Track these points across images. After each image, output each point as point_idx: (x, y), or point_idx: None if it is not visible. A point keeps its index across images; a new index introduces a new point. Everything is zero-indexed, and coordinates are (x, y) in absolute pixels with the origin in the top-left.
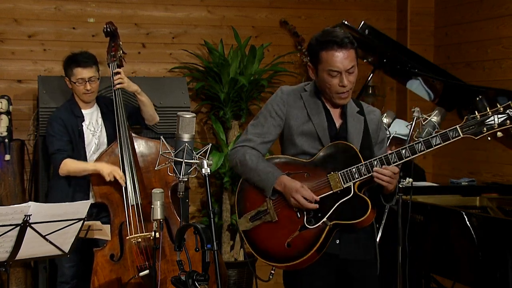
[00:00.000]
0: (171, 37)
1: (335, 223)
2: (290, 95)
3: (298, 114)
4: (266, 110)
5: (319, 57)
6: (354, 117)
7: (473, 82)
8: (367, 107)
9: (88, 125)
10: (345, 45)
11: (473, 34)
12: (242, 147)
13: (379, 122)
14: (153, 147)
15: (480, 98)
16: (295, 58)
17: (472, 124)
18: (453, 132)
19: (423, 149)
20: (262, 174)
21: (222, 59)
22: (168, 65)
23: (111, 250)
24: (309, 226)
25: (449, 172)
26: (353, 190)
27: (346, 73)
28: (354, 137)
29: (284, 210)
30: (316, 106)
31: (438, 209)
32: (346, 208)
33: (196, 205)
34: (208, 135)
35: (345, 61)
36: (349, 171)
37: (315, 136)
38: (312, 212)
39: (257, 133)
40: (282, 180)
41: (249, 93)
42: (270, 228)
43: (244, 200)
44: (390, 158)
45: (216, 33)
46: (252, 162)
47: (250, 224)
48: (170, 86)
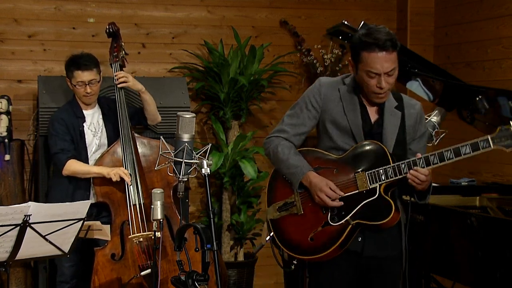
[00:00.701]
0: (171, 37)
1: (358, 222)
2: (327, 87)
3: (334, 108)
4: (302, 101)
5: (360, 56)
6: (391, 112)
7: (473, 82)
8: (408, 101)
9: (89, 126)
10: (387, 48)
11: (473, 34)
12: (276, 138)
13: (418, 116)
14: (155, 147)
15: (480, 98)
16: (295, 58)
17: (504, 136)
18: (484, 143)
19: (452, 157)
20: (292, 167)
21: (222, 59)
22: (168, 65)
23: (112, 250)
24: (332, 223)
25: (449, 172)
26: (378, 192)
27: (385, 75)
28: (389, 134)
29: (310, 204)
30: (353, 102)
31: (438, 209)
32: (370, 209)
33: (196, 205)
34: (208, 135)
35: (385, 64)
36: (377, 172)
37: (349, 132)
38: (336, 210)
39: (292, 124)
40: (309, 176)
41: (249, 93)
42: (296, 220)
43: (275, 189)
44: (418, 163)
45: (216, 33)
46: (283, 154)
47: (277, 214)
48: (170, 86)
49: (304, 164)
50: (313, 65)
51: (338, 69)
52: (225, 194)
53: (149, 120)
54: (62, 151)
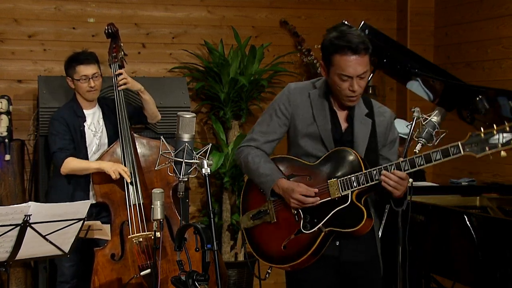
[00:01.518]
0: (171, 37)
1: (331, 230)
2: (297, 93)
3: (304, 114)
4: (272, 109)
5: (331, 59)
6: (362, 120)
7: (473, 82)
8: (378, 108)
9: (89, 125)
10: (359, 51)
11: (473, 34)
12: (246, 147)
13: (389, 124)
14: (154, 147)
15: (480, 98)
16: (295, 58)
17: (474, 142)
18: (454, 149)
19: (423, 163)
20: (262, 176)
21: (222, 59)
22: (168, 65)
23: (112, 250)
24: (305, 231)
25: (449, 172)
26: (350, 199)
27: (357, 78)
28: (360, 141)
29: (283, 212)
30: (322, 107)
31: (438, 209)
32: (342, 216)
33: (196, 205)
34: (208, 135)
35: (358, 67)
36: (348, 180)
37: (318, 138)
38: (308, 217)
39: (262, 132)
40: (280, 183)
41: (249, 93)
42: (269, 228)
43: (248, 198)
44: (388, 169)
45: (216, 33)
46: (253, 164)
47: (251, 222)
48: (170, 86)
49: (274, 172)
50: (313, 65)
51: None
52: (225, 194)
53: (149, 119)
54: (61, 149)
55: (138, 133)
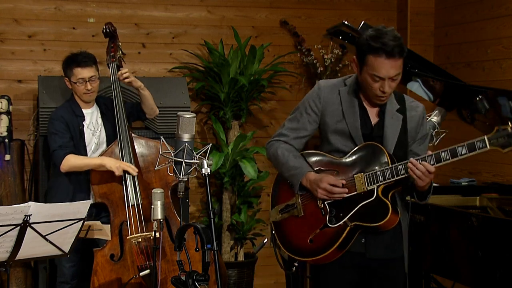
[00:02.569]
0: (171, 37)
1: (356, 224)
2: (327, 91)
3: (334, 111)
4: (302, 106)
5: (365, 59)
6: (393, 115)
7: (473, 82)
8: (410, 103)
9: (88, 125)
10: (394, 54)
11: (473, 34)
12: (276, 141)
13: (420, 118)
14: (153, 147)
15: (480, 98)
16: (295, 58)
17: (501, 136)
18: (480, 143)
19: (448, 158)
20: (292, 169)
21: (222, 59)
22: (168, 65)
23: (111, 250)
24: (330, 225)
25: (449, 172)
26: (375, 193)
27: (389, 80)
28: (390, 137)
29: (311, 206)
30: (352, 104)
31: (438, 209)
32: (367, 211)
33: (196, 205)
34: (208, 135)
35: (391, 69)
36: (374, 174)
37: (347, 135)
38: (334, 211)
39: (292, 128)
40: (308, 176)
41: (249, 93)
42: (296, 222)
43: (278, 192)
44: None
45: (216, 33)
46: (283, 157)
47: (279, 216)
48: (170, 86)
49: (303, 165)
50: (313, 65)
51: (338, 69)
52: (225, 194)
53: (147, 114)
54: (60, 147)
55: (138, 133)
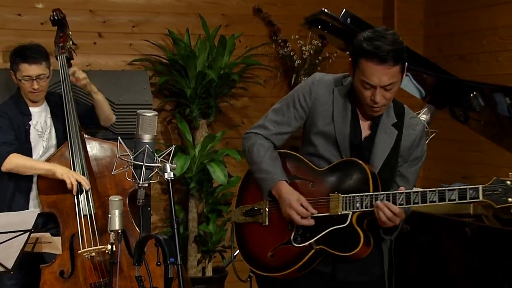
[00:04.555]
0: (130, 26)
1: (322, 248)
2: (321, 87)
3: (323, 112)
4: (291, 98)
5: (357, 62)
6: (387, 130)
7: (467, 77)
8: (410, 119)
9: (35, 125)
10: (387, 60)
11: (467, 24)
12: (255, 135)
13: (417, 139)
14: (108, 149)
15: (474, 94)
16: (270, 50)
17: (497, 189)
18: (473, 191)
19: (435, 200)
20: (263, 172)
21: (188, 51)
22: (128, 57)
23: (60, 266)
24: (295, 244)
25: (440, 175)
26: (349, 220)
27: (381, 89)
28: (379, 153)
29: (278, 216)
30: (344, 108)
31: (427, 218)
32: (337, 237)
33: (159, 214)
34: (173, 136)
35: (383, 77)
36: (352, 198)
37: (333, 140)
38: (301, 229)
39: (275, 121)
40: (280, 187)
41: (219, 89)
42: (259, 230)
43: (246, 190)
44: (397, 198)
45: (182, 22)
46: (258, 156)
47: (242, 218)
48: (130, 81)
49: (277, 171)
50: (290, 58)
51: (317, 62)
52: (192, 202)
53: (102, 121)
54: (4, 144)
55: (93, 133)
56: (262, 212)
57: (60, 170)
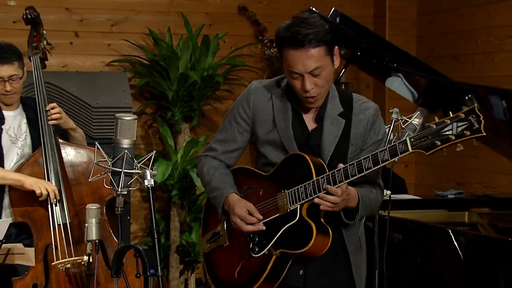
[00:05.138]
0: (109, 25)
1: (282, 252)
2: (258, 94)
3: (264, 119)
4: (231, 113)
5: (281, 53)
6: (333, 120)
7: (461, 79)
8: (360, 104)
9: (7, 130)
10: (307, 43)
11: (462, 23)
12: (204, 157)
13: (369, 122)
14: (84, 155)
15: (469, 97)
16: (256, 51)
17: (424, 135)
18: (402, 145)
19: (370, 166)
20: (214, 190)
21: (170, 51)
22: (106, 57)
23: (33, 279)
24: (254, 254)
25: (434, 182)
26: (298, 214)
27: (309, 75)
28: (327, 145)
29: (237, 234)
30: (284, 109)
31: (421, 227)
32: (291, 235)
33: (139, 223)
34: (154, 140)
35: (308, 61)
36: (296, 191)
37: (279, 144)
38: (256, 238)
39: (220, 140)
40: (228, 199)
41: (202, 91)
42: (223, 252)
43: (208, 218)
44: (336, 177)
45: (163, 21)
46: (208, 175)
47: (208, 246)
48: (109, 83)
49: (226, 186)
50: (277, 59)
51: None
52: (174, 210)
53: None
54: None
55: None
56: (222, 232)
57: (29, 181)
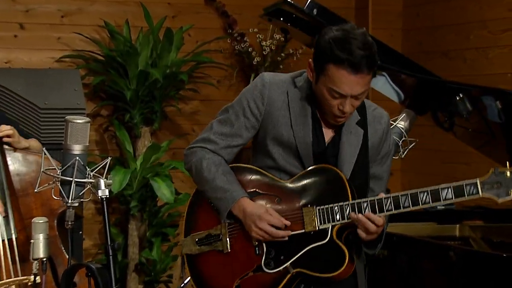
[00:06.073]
0: (59, 16)
1: (300, 272)
2: (273, 88)
3: (280, 118)
4: (239, 105)
5: (325, 67)
6: (352, 129)
7: (452, 77)
8: (373, 111)
9: None
10: (362, 69)
11: (452, 16)
12: (201, 149)
13: (384, 132)
14: (33, 162)
15: (461, 97)
16: (225, 45)
17: (497, 181)
18: (471, 187)
19: (428, 201)
20: (219, 191)
21: (128, 46)
22: (56, 53)
23: None
24: (267, 269)
25: None
26: (329, 235)
27: (351, 98)
28: (346, 158)
29: (241, 240)
30: (303, 113)
31: (407, 241)
32: (317, 256)
33: (93, 239)
34: (110, 146)
35: (356, 87)
36: (330, 209)
37: (294, 150)
38: (273, 252)
39: (223, 134)
40: (243, 203)
41: (164, 91)
42: (220, 259)
43: (196, 215)
44: (383, 204)
45: (121, 12)
46: (209, 173)
47: (196, 248)
48: (58, 81)
49: (235, 188)
50: (248, 54)
51: (280, 59)
52: (133, 224)
53: None
54: None
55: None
56: (222, 237)
57: None
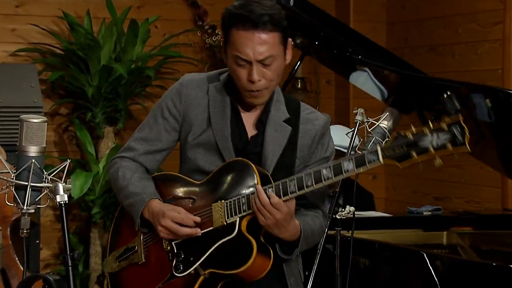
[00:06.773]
0: (13, 6)
1: (212, 272)
2: (192, 87)
3: (198, 117)
4: (158, 107)
5: (228, 35)
6: (278, 127)
7: (439, 74)
8: (308, 113)
9: None
10: (262, 24)
11: (439, 8)
12: (120, 159)
13: (318, 135)
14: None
15: (448, 95)
16: (195, 39)
17: (400, 145)
18: (371, 155)
19: (330, 176)
20: (131, 196)
21: (89, 39)
22: (10, 46)
23: None
24: (176, 273)
25: (407, 197)
26: (237, 228)
27: (258, 64)
28: (270, 155)
29: (155, 249)
30: (222, 106)
31: (390, 250)
32: (226, 252)
33: (52, 248)
34: (70, 147)
35: (259, 47)
36: (236, 201)
37: (214, 147)
38: (182, 255)
39: (142, 139)
40: (151, 205)
41: (129, 88)
42: (137, 272)
43: (118, 232)
44: (288, 186)
45: (81, 2)
46: (124, 180)
47: (116, 264)
48: (13, 76)
49: (147, 191)
50: (220, 49)
51: None
52: (95, 232)
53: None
54: None
55: None
56: (137, 247)
57: None
